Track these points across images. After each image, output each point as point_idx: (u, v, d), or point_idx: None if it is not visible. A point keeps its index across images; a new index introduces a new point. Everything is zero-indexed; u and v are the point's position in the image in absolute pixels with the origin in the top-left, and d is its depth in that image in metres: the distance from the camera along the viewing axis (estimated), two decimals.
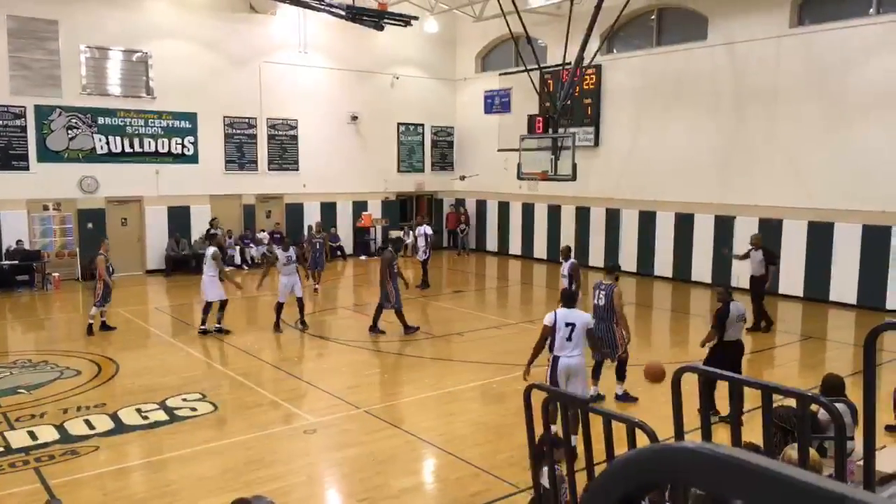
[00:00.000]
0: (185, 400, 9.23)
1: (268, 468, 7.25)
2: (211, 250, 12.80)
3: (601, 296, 9.01)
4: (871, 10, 15.23)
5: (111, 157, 18.99)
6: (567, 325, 7.33)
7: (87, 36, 18.42)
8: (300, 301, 13.15)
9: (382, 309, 12.81)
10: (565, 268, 12.13)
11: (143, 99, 19.39)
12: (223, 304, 12.79)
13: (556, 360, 7.36)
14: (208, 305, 12.83)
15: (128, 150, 19.21)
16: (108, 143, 18.92)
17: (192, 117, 20.10)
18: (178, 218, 20.04)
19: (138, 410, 8.80)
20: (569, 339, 7.31)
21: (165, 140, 19.75)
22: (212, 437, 8.01)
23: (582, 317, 7.48)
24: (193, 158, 20.25)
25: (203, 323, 12.84)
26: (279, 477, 7.03)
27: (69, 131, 18.37)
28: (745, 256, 13.94)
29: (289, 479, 7.00)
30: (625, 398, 9.11)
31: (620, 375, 9.16)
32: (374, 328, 12.90)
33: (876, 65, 14.83)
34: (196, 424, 8.44)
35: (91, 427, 8.25)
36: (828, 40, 15.57)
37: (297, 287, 13.10)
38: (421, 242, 17.84)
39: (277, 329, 12.99)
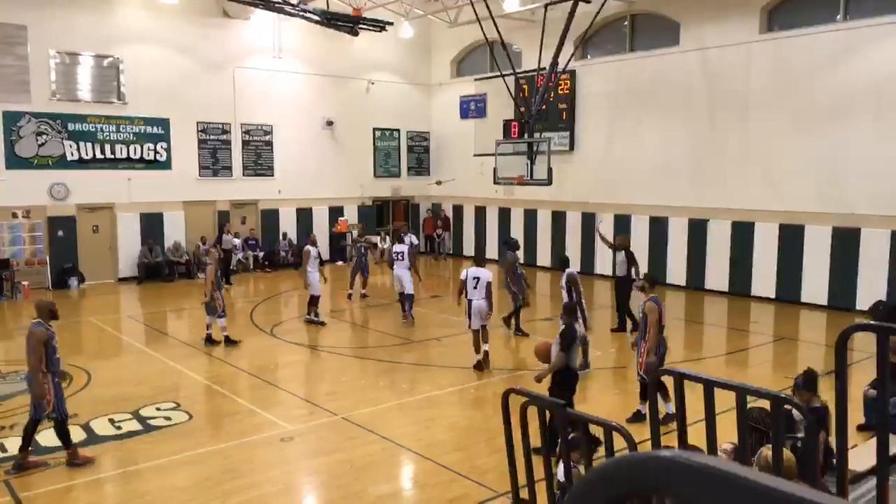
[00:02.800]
0: (159, 409, 9.10)
1: (244, 477, 7.17)
2: (314, 250, 14.20)
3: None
4: (839, 16, 15.53)
5: (82, 163, 18.70)
6: (474, 278, 10.80)
7: (56, 41, 18.14)
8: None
9: (519, 309, 13.06)
10: (563, 279, 11.52)
11: (115, 104, 19.14)
12: (317, 298, 14.13)
13: (469, 302, 10.83)
14: (314, 298, 14.01)
15: (99, 156, 18.93)
16: (78, 149, 18.64)
17: (164, 123, 19.88)
18: (151, 225, 19.79)
19: (111, 420, 8.66)
20: (475, 287, 10.78)
21: (137, 146, 19.50)
22: (187, 447, 7.90)
23: (485, 273, 10.87)
24: (166, 164, 20.02)
25: (309, 313, 14.14)
26: (256, 486, 6.95)
27: (38, 137, 18.06)
28: (612, 247, 14.03)
29: (266, 488, 6.93)
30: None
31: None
32: (518, 330, 13.09)
33: (843, 70, 15.12)
34: (170, 434, 8.32)
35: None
36: (796, 46, 15.85)
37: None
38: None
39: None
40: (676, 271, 18.42)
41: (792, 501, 0.56)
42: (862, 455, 5.00)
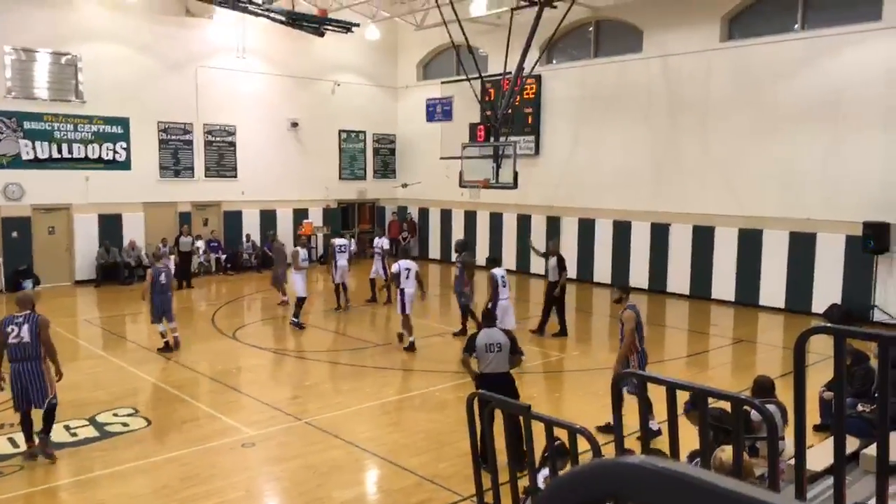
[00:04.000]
0: (116, 415, 8.89)
1: (205, 484, 7.03)
2: (303, 252, 14.36)
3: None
4: (797, 25, 15.92)
5: (38, 163, 18.22)
6: (406, 269, 12.54)
7: (12, 37, 17.65)
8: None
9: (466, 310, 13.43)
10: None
11: (73, 103, 18.69)
12: (303, 301, 14.24)
13: (402, 291, 12.35)
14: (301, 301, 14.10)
15: (56, 155, 18.47)
16: (34, 148, 18.15)
17: (124, 122, 19.48)
18: (110, 226, 19.36)
19: (66, 427, 8.43)
20: (407, 278, 12.46)
21: (96, 145, 19.08)
22: (145, 454, 7.73)
23: (415, 265, 12.81)
24: (126, 165, 19.62)
25: (295, 316, 14.09)
26: (217, 492, 6.83)
27: None
28: (545, 255, 14.17)
29: (227, 495, 6.81)
30: None
31: None
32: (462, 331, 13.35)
33: (801, 79, 15.49)
34: (128, 440, 8.14)
35: (15, 445, 7.85)
36: (756, 54, 16.19)
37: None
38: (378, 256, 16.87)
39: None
40: (639, 275, 18.65)
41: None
42: (818, 455, 5.09)
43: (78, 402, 9.40)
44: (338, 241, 15.98)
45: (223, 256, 21.34)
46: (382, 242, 17.35)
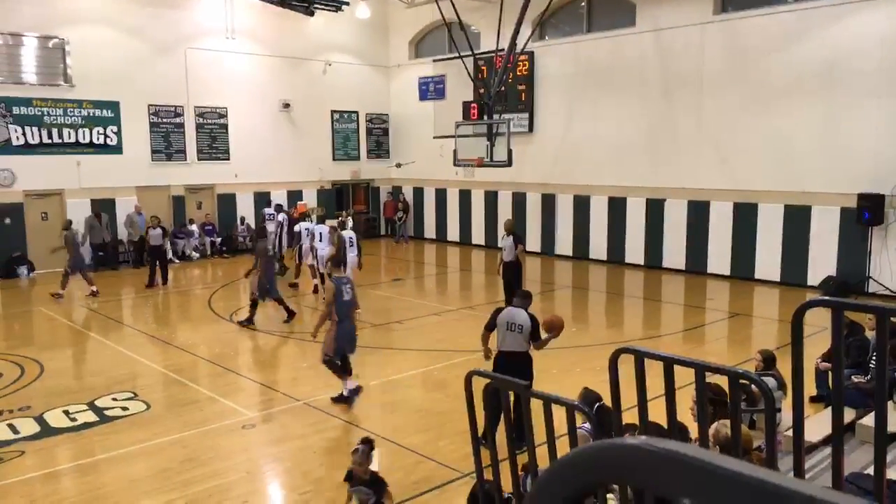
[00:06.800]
0: (115, 399, 8.90)
1: (205, 466, 7.06)
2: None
3: None
4: None
5: (28, 148, 18.07)
6: (349, 238, 13.83)
7: None
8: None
9: (256, 304, 12.73)
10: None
11: (62, 87, 18.50)
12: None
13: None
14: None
15: (46, 140, 18.31)
16: (24, 133, 17.99)
17: (114, 106, 19.30)
18: (103, 211, 19.24)
19: (66, 412, 8.45)
20: (351, 246, 13.87)
21: (86, 130, 18.92)
22: (145, 437, 7.75)
23: (355, 235, 14.26)
24: (117, 149, 19.47)
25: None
26: (218, 474, 6.86)
27: None
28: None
29: (228, 476, 6.84)
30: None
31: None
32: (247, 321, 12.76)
33: (794, 51, 15.41)
34: (128, 424, 8.15)
35: (15, 431, 7.87)
36: (749, 27, 16.08)
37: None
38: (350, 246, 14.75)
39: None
40: (635, 250, 18.69)
41: (761, 486, 0.54)
42: (815, 426, 5.14)
43: (77, 387, 9.42)
44: (346, 234, 14.50)
45: (218, 240, 21.27)
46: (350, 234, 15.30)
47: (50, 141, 18.39)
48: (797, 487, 0.52)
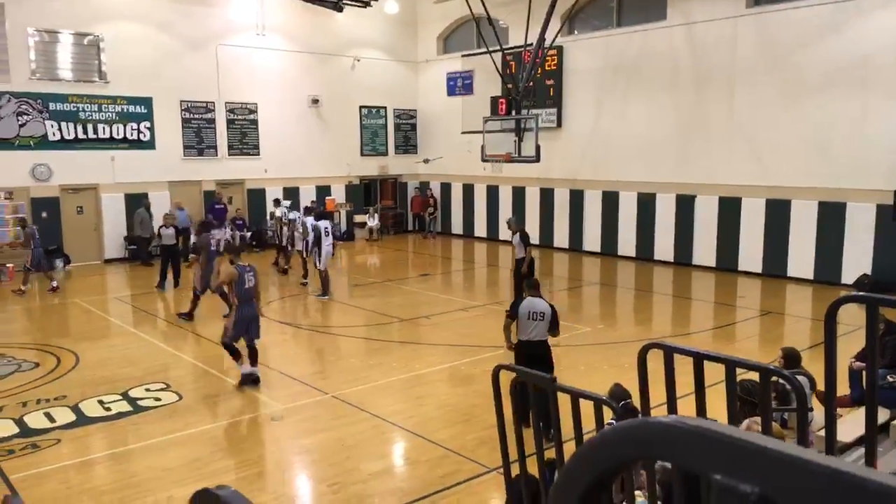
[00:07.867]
0: (148, 390, 9.08)
1: (235, 456, 7.17)
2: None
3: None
4: None
5: (64, 143, 18.45)
6: (325, 229, 14.29)
7: (35, 19, 17.78)
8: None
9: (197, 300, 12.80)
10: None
11: (96, 83, 18.84)
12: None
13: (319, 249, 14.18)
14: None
15: (81, 136, 18.68)
16: (60, 129, 18.37)
17: (147, 102, 19.61)
18: (136, 205, 19.58)
19: (100, 402, 8.63)
20: (327, 236, 14.34)
21: (120, 125, 19.25)
22: (177, 427, 7.89)
23: (331, 225, 14.72)
24: (150, 144, 19.79)
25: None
26: (247, 465, 6.97)
27: (19, 117, 17.78)
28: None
29: (257, 467, 6.94)
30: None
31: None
32: (187, 314, 12.80)
33: (828, 44, 15.11)
34: (160, 414, 8.31)
35: (52, 420, 8.07)
36: (783, 20, 15.80)
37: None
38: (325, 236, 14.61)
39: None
40: (664, 247, 18.50)
41: (790, 460, 0.55)
42: (848, 426, 5.06)
43: (110, 377, 9.61)
44: (323, 224, 14.49)
45: (248, 234, 21.50)
46: (325, 223, 14.96)
47: (85, 136, 18.75)
48: (823, 461, 0.52)
